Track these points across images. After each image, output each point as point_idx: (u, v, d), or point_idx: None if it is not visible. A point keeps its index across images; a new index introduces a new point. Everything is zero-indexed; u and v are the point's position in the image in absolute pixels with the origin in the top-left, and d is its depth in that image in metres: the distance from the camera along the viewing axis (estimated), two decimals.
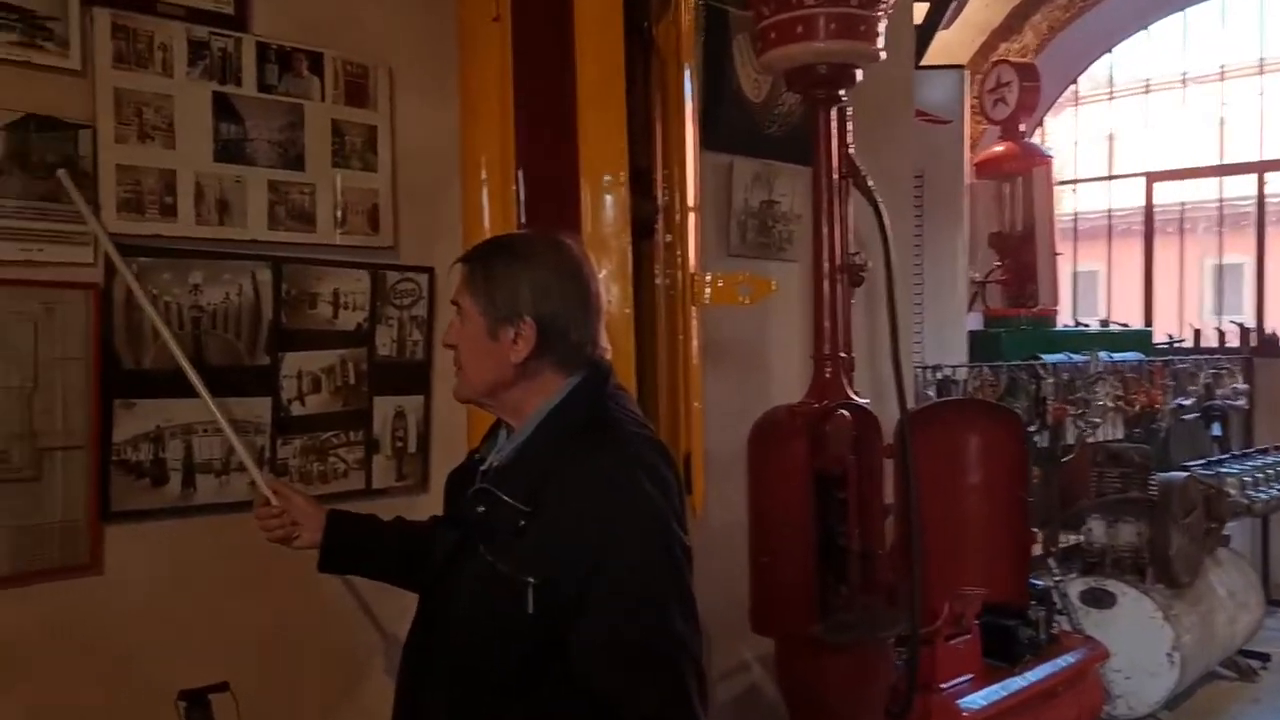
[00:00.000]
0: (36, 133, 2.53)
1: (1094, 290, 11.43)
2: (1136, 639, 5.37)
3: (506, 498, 1.94)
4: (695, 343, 3.02)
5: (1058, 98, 10.41)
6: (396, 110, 3.20)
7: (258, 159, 2.90)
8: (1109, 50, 10.39)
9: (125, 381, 2.68)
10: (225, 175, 2.84)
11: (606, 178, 2.84)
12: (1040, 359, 6.35)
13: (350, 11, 3.12)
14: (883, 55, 3.33)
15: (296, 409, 2.99)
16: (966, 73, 7.80)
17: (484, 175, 2.99)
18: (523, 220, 2.87)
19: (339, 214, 3.06)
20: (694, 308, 3.00)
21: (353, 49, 3.10)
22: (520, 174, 2.86)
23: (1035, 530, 5.31)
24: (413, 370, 3.25)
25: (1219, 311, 10.25)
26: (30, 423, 2.53)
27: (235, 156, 2.86)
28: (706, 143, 3.31)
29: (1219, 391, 7.31)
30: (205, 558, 2.82)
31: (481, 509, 1.97)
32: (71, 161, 2.58)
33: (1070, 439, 6.12)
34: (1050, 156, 8.23)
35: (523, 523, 1.92)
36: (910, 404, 3.82)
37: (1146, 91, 10.99)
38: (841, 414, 3.29)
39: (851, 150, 3.46)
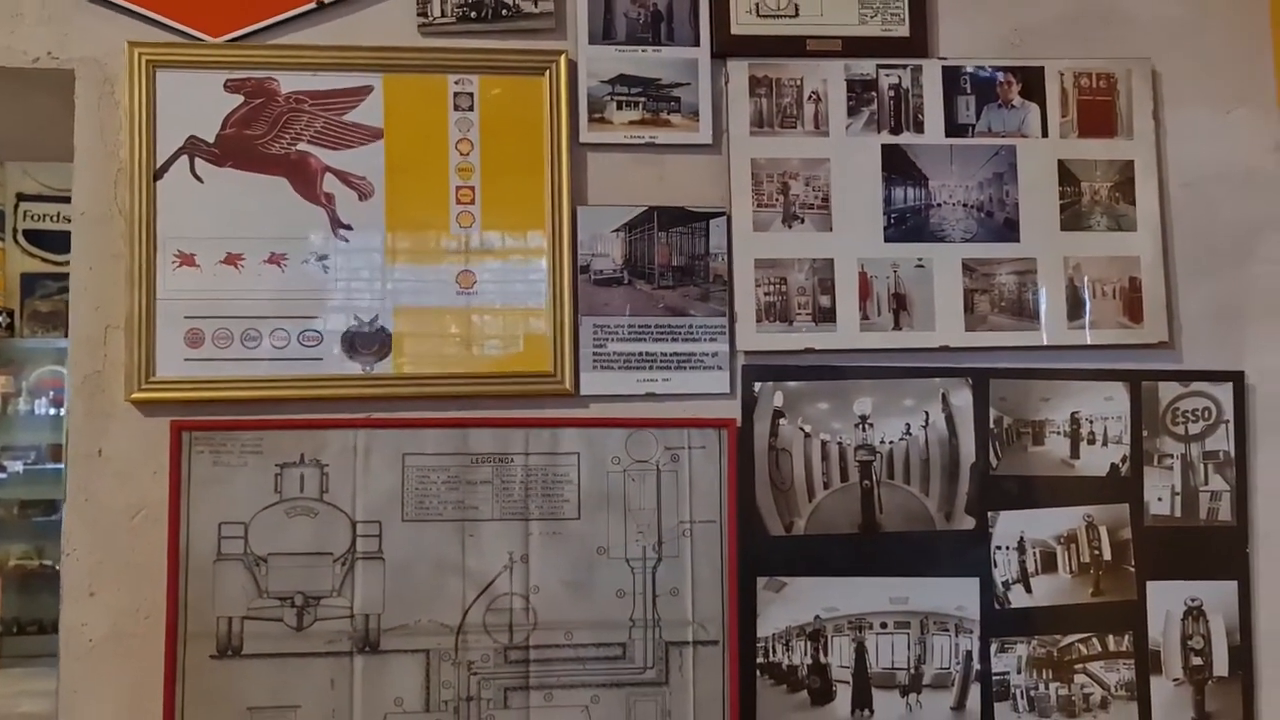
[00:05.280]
0: (660, 229, 1.97)
1: None
2: None
3: None
4: None
5: None
6: (1165, 132, 2.07)
7: (947, 231, 2.01)
8: None
9: (772, 553, 1.95)
10: (902, 259, 2.00)
11: None
12: None
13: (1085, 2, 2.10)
14: None
15: (1019, 598, 1.97)
16: None
17: None
18: None
19: (1076, 299, 2.01)
20: None
21: (1089, 52, 2.07)
22: None
23: None
24: (1212, 540, 2.01)
25: None
26: (653, 607, 1.92)
27: (915, 231, 2.01)
28: None
29: None
30: None
31: None
32: (700, 260, 1.97)
33: None
34: None
35: None
36: None
37: None
38: None
39: None
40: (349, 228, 1.90)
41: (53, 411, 6.41)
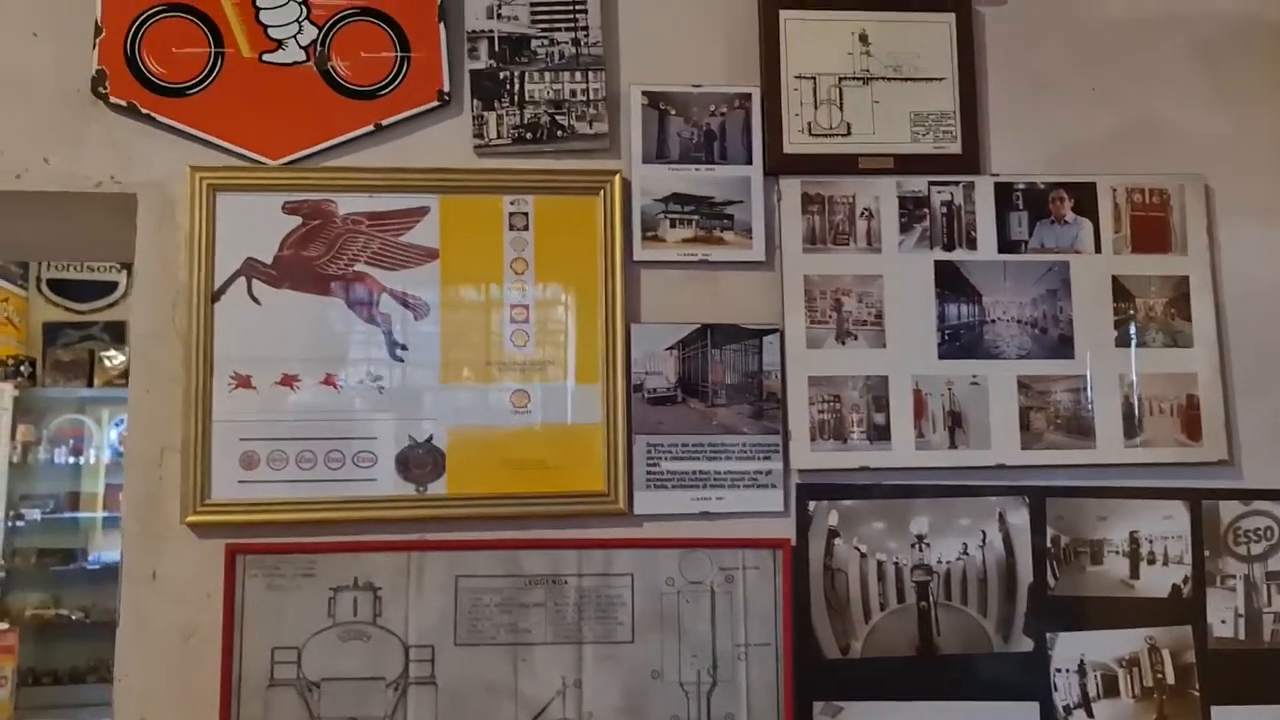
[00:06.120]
0: (714, 347, 1.97)
1: None
2: None
3: None
4: None
5: None
6: (1220, 248, 2.06)
7: (1001, 348, 2.00)
8: None
9: (828, 677, 1.91)
10: (956, 376, 1.99)
11: None
12: None
13: (1150, 116, 2.10)
14: None
15: None
16: None
17: None
18: None
19: (1131, 417, 1.99)
20: None
21: (1139, 168, 2.07)
22: None
23: None
24: (1277, 663, 1.96)
25: None
26: None
27: (969, 348, 2.00)
28: None
29: None
30: None
31: None
32: (753, 377, 1.96)
33: None
34: None
35: None
36: None
37: None
38: None
39: None
40: (405, 348, 1.90)
41: (72, 460, 6.41)
